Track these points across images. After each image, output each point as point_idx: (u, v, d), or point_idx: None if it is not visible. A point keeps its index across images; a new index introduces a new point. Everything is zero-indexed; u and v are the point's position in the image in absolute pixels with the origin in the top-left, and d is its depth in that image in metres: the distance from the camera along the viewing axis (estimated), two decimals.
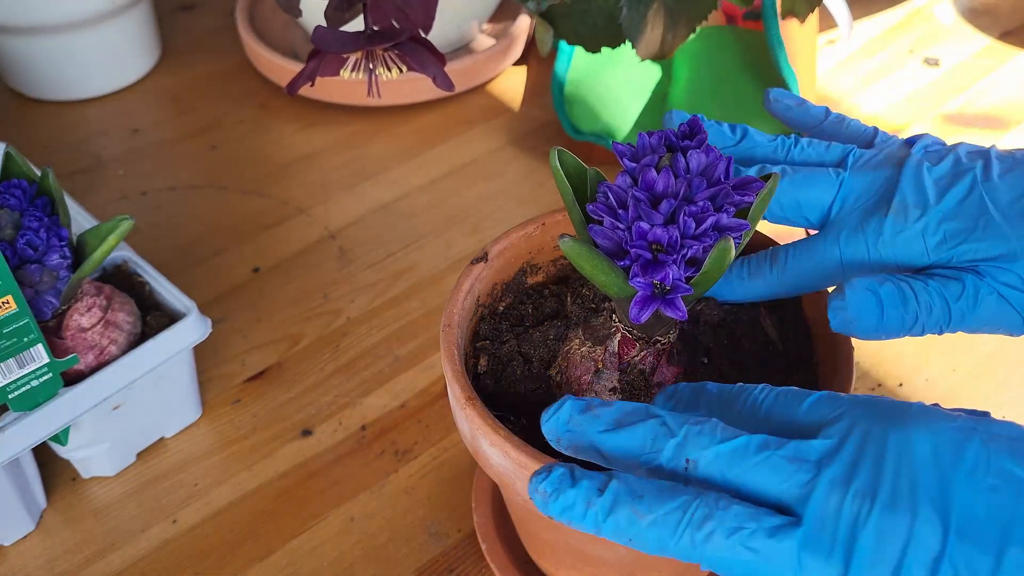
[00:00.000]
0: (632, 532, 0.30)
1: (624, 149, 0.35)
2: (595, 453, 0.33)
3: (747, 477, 0.30)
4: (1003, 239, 0.38)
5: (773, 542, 0.28)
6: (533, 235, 0.46)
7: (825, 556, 0.28)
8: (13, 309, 0.45)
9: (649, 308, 0.34)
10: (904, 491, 0.28)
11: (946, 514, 0.27)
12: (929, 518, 0.27)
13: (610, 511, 0.30)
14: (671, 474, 0.31)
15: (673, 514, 0.29)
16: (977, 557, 0.26)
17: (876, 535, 0.27)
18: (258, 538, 0.52)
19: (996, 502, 0.27)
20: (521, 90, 0.84)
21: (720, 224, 0.33)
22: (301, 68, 0.43)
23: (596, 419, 0.33)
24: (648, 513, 0.29)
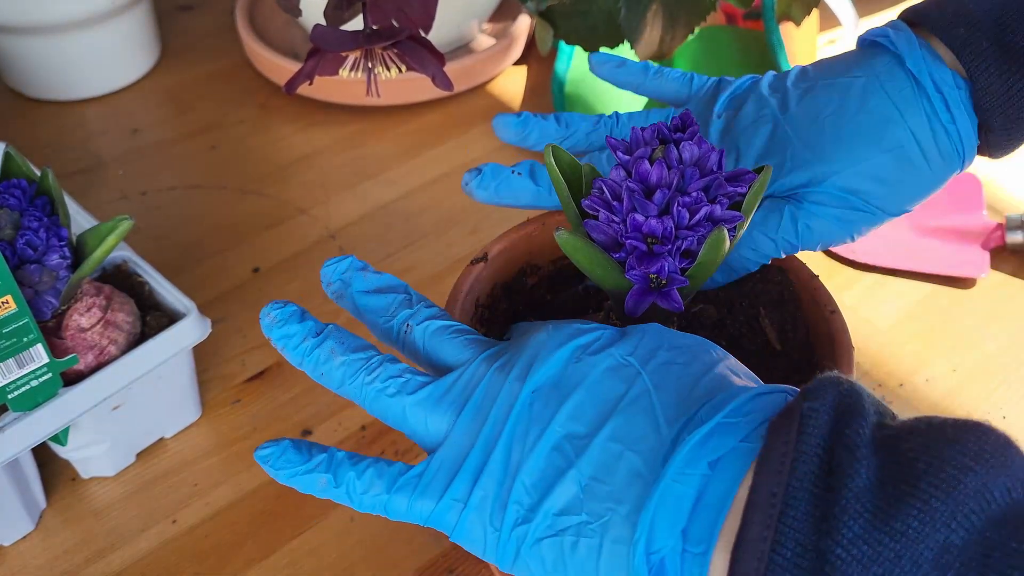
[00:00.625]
0: (326, 367, 0.35)
1: (617, 143, 0.35)
2: (352, 305, 0.39)
3: (439, 348, 0.36)
4: (809, 165, 0.43)
5: (406, 392, 0.34)
6: (533, 235, 0.46)
7: (445, 405, 0.34)
8: (13, 309, 0.45)
9: (645, 301, 0.34)
10: (511, 362, 0.34)
11: (528, 378, 0.33)
12: (518, 378, 0.33)
13: (316, 347, 0.36)
14: (395, 336, 0.37)
15: (359, 360, 0.35)
16: (545, 407, 0.32)
17: (484, 389, 0.34)
18: (258, 538, 0.52)
19: (577, 370, 0.33)
20: (521, 90, 0.84)
21: (714, 215, 0.33)
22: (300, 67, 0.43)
23: (363, 279, 0.39)
24: (342, 355, 0.35)
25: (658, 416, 0.31)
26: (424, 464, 0.34)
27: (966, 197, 0.70)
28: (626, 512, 0.29)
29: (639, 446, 0.30)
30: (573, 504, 0.30)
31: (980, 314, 0.63)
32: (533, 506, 0.31)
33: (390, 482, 0.33)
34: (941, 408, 0.58)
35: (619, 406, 0.31)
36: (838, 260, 0.67)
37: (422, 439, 0.34)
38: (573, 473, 0.30)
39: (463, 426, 0.33)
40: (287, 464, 0.34)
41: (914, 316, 0.63)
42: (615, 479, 0.30)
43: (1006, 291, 0.65)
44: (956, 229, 0.68)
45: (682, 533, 0.28)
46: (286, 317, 0.36)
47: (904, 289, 0.65)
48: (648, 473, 0.29)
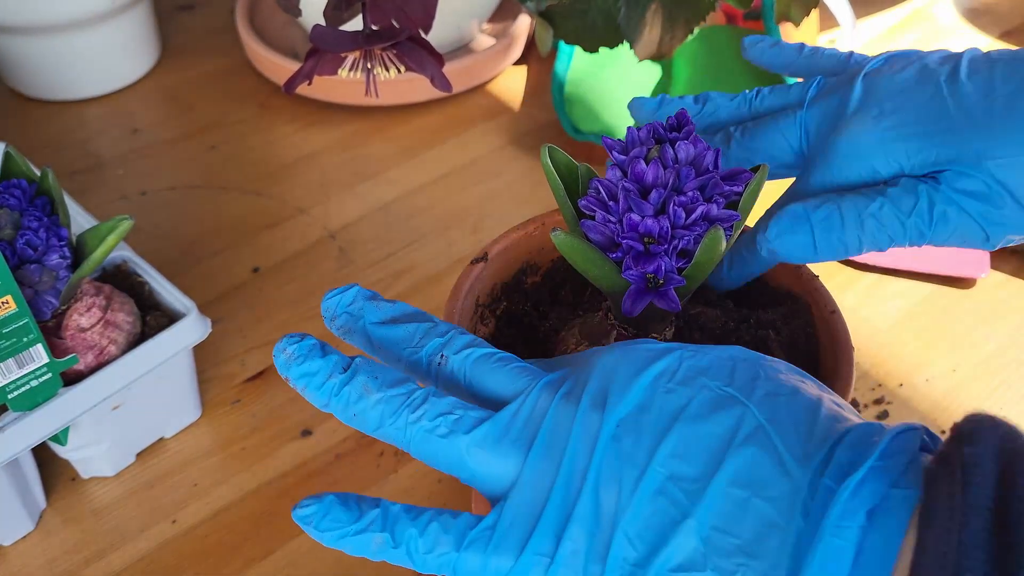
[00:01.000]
0: (359, 407, 0.31)
1: (613, 143, 0.35)
2: (364, 339, 0.34)
3: (485, 378, 0.32)
4: (964, 141, 0.36)
5: (468, 427, 0.30)
6: (533, 235, 0.46)
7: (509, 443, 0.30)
8: (12, 309, 0.45)
9: (642, 301, 0.34)
10: (580, 391, 0.30)
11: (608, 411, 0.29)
12: (592, 408, 0.29)
13: (345, 384, 0.31)
14: (426, 368, 0.33)
15: (398, 396, 0.31)
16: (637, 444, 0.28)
17: (552, 423, 0.30)
18: (258, 538, 0.52)
19: (668, 400, 0.29)
20: (521, 90, 0.84)
21: (710, 215, 0.33)
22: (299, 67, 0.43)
23: (377, 309, 0.34)
24: (377, 391, 0.31)
25: (783, 456, 0.27)
26: (495, 514, 0.29)
27: None
28: (763, 569, 0.26)
29: (767, 492, 0.27)
30: (694, 558, 0.27)
31: (980, 314, 0.63)
32: (641, 561, 0.27)
33: (458, 537, 0.29)
34: (941, 408, 0.58)
35: (732, 444, 0.28)
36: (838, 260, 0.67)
37: (484, 485, 0.30)
38: (691, 523, 0.27)
39: (535, 466, 0.29)
40: (334, 524, 0.29)
41: (914, 316, 0.63)
42: (743, 530, 0.26)
43: (1006, 291, 0.65)
44: None
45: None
46: (305, 352, 0.31)
47: (904, 289, 0.65)
48: (784, 523, 0.26)
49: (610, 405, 0.29)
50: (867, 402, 0.58)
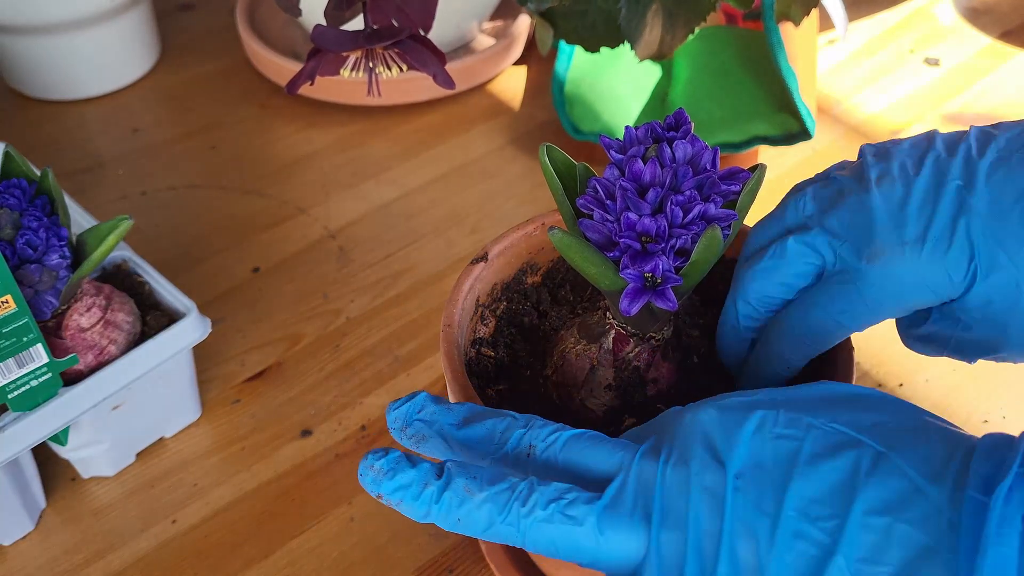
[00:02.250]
0: (462, 511, 0.30)
1: (611, 142, 0.35)
2: (442, 444, 0.33)
3: (577, 458, 0.31)
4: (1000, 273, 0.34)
5: (583, 511, 0.29)
6: (533, 235, 0.46)
7: (626, 517, 0.29)
8: (12, 309, 0.45)
9: (640, 300, 0.34)
10: (684, 454, 0.30)
11: (722, 462, 0.29)
12: (705, 469, 0.29)
13: (444, 490, 0.30)
14: (513, 460, 0.32)
15: (503, 492, 0.30)
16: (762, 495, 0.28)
17: (663, 490, 0.29)
18: (258, 538, 0.52)
19: (780, 446, 0.29)
20: (521, 90, 0.84)
21: (707, 214, 0.33)
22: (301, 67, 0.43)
23: (449, 411, 0.34)
24: (479, 491, 0.30)
25: (913, 478, 0.27)
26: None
27: None
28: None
29: (908, 515, 0.27)
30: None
31: None
32: None
33: None
34: (941, 408, 0.58)
35: (858, 476, 0.28)
36: None
37: (611, 564, 0.30)
38: (839, 560, 0.27)
39: (661, 536, 0.29)
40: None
41: None
42: (892, 557, 0.26)
43: None
44: None
45: None
46: (393, 465, 0.31)
47: None
48: (934, 542, 0.26)
49: (727, 460, 0.29)
50: None
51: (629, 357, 0.38)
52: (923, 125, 0.79)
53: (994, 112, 0.80)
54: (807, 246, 0.37)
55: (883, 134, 0.78)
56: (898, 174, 0.36)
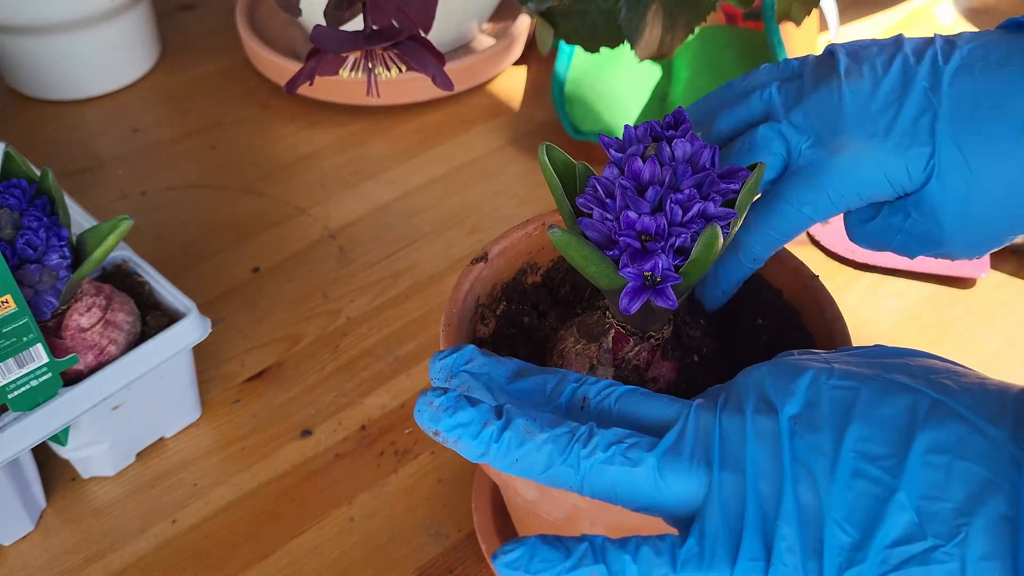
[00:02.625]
0: (521, 452, 0.30)
1: (611, 141, 0.35)
2: (488, 395, 0.34)
3: (633, 410, 0.32)
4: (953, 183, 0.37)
5: (644, 454, 0.30)
6: (533, 235, 0.46)
7: (686, 461, 0.30)
8: (12, 309, 0.45)
9: (639, 299, 0.34)
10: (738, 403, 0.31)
11: (776, 409, 0.29)
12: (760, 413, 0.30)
13: (504, 430, 0.30)
14: (567, 412, 0.33)
15: (564, 435, 0.30)
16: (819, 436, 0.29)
17: (721, 436, 0.30)
18: (258, 538, 0.52)
19: (836, 394, 0.30)
20: (521, 90, 0.84)
21: (707, 212, 0.33)
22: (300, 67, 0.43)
23: (500, 364, 0.34)
24: (540, 433, 0.30)
25: (971, 420, 0.28)
26: (697, 530, 0.29)
27: None
28: (985, 524, 0.26)
29: (968, 452, 0.27)
30: (911, 531, 0.27)
31: (980, 314, 0.63)
32: (858, 544, 0.27)
33: (671, 558, 0.29)
34: None
35: (916, 419, 0.28)
36: (838, 260, 0.67)
37: (669, 508, 0.30)
38: (900, 497, 0.27)
39: (721, 479, 0.29)
40: (546, 564, 0.29)
41: (914, 316, 0.63)
42: (955, 492, 0.27)
43: (1006, 291, 0.65)
44: None
45: None
46: (453, 403, 0.31)
47: (904, 289, 0.65)
48: (995, 477, 0.27)
49: (781, 406, 0.29)
50: None
51: (629, 356, 0.38)
52: None
53: None
54: (775, 138, 0.39)
55: None
56: (867, 72, 0.38)
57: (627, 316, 0.37)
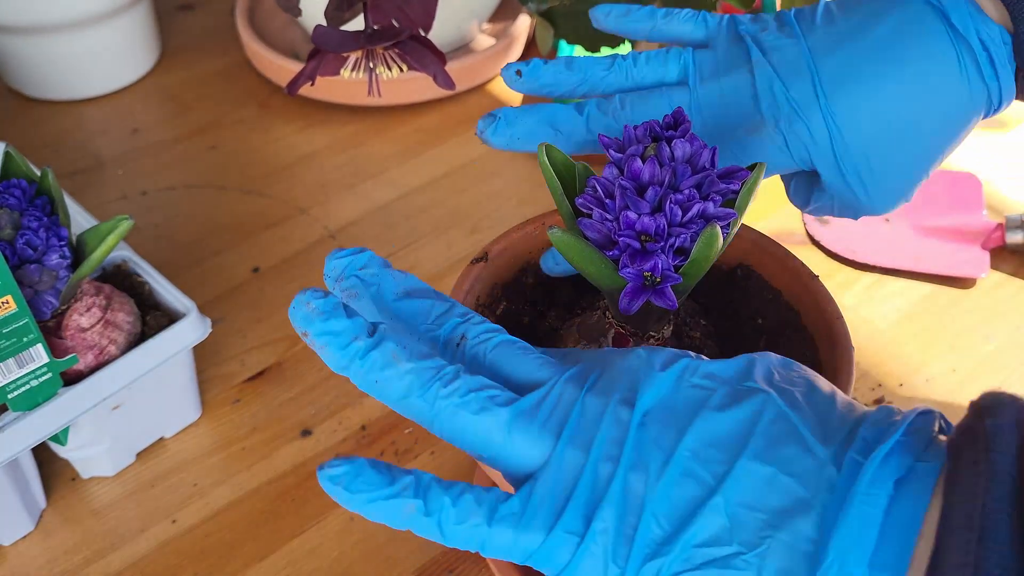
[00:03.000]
0: (383, 375, 0.30)
1: (610, 141, 0.35)
2: (372, 306, 0.33)
3: (505, 363, 0.32)
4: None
5: (498, 408, 0.30)
6: (533, 235, 0.46)
7: (538, 426, 0.30)
8: (12, 309, 0.45)
9: (639, 299, 0.34)
10: (608, 386, 0.31)
11: (639, 400, 0.30)
12: (622, 403, 0.30)
13: (371, 349, 0.30)
14: (443, 346, 0.32)
15: (429, 369, 0.30)
16: (664, 432, 0.29)
17: (581, 412, 0.30)
18: (258, 538, 0.52)
19: (693, 393, 0.30)
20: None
21: (706, 213, 0.33)
22: (301, 68, 0.43)
23: (392, 278, 0.33)
24: (406, 361, 0.30)
25: (805, 436, 0.28)
26: (527, 491, 0.29)
27: (966, 197, 0.70)
28: (789, 540, 0.27)
29: (791, 469, 0.28)
30: (719, 534, 0.27)
31: (980, 314, 0.63)
32: (667, 538, 0.28)
33: (489, 511, 0.29)
34: (941, 408, 0.58)
35: (756, 427, 0.29)
36: (838, 260, 0.67)
37: (509, 465, 0.30)
38: (717, 500, 0.28)
39: (566, 451, 0.29)
40: (366, 487, 0.28)
41: (914, 316, 0.63)
42: (769, 504, 0.27)
43: (1006, 291, 0.65)
44: (956, 229, 0.68)
45: (869, 559, 0.26)
46: (330, 310, 0.30)
47: (904, 289, 0.65)
48: (810, 496, 0.27)
49: (639, 397, 0.30)
50: (867, 402, 0.58)
51: None
52: None
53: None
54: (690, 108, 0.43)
55: None
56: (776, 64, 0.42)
57: (627, 316, 0.37)
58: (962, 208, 0.69)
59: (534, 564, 0.29)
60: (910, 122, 0.41)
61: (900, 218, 0.69)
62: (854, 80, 0.40)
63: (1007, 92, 0.41)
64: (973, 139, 0.77)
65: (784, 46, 0.42)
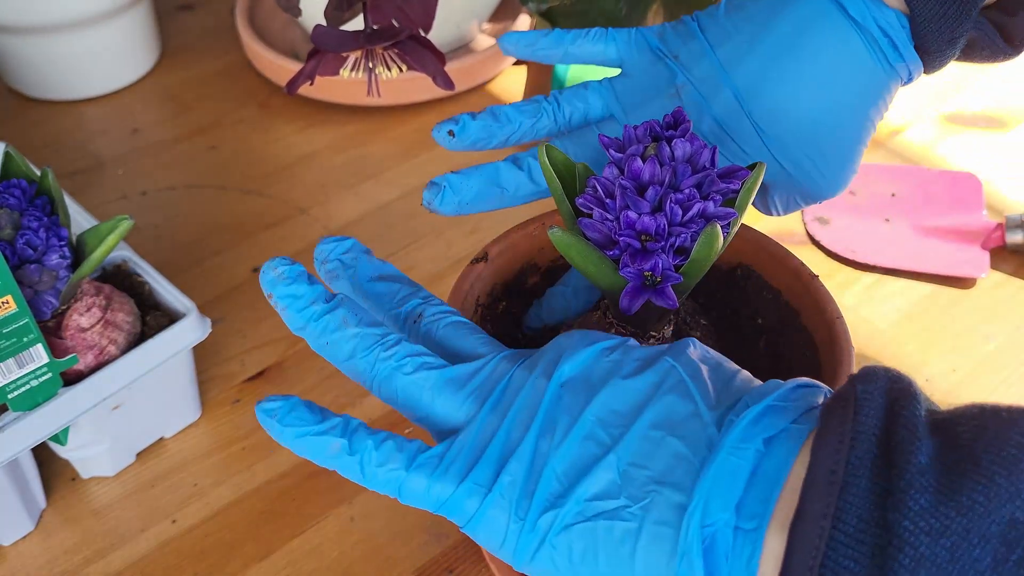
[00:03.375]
0: (334, 336, 0.33)
1: (610, 141, 0.35)
2: (349, 287, 0.37)
3: (455, 339, 0.35)
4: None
5: (429, 373, 0.33)
6: (534, 235, 0.46)
7: (465, 392, 0.33)
8: (12, 309, 0.45)
9: (639, 298, 0.34)
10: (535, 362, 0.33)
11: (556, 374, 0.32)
12: (543, 374, 0.32)
13: (325, 313, 0.33)
14: (402, 323, 0.36)
15: (374, 335, 0.33)
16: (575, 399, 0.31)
17: (507, 383, 0.33)
18: (258, 538, 0.52)
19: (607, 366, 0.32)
20: (521, 90, 0.84)
21: (706, 212, 0.33)
22: (301, 67, 0.43)
23: (369, 264, 0.37)
24: (355, 327, 0.33)
25: (698, 403, 0.30)
26: (445, 445, 0.32)
27: (966, 197, 0.70)
28: (669, 494, 0.29)
29: (680, 431, 0.30)
30: (609, 489, 0.29)
31: (980, 314, 0.63)
32: (564, 492, 0.30)
33: (409, 458, 0.31)
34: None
35: (656, 395, 0.31)
36: (838, 260, 0.67)
37: (436, 422, 0.33)
38: (610, 459, 0.30)
39: (487, 414, 0.32)
40: (298, 422, 0.31)
41: (914, 316, 0.63)
42: (656, 463, 0.29)
43: (1006, 291, 0.65)
44: (956, 229, 0.68)
45: (735, 508, 0.28)
46: (294, 276, 0.34)
47: (904, 289, 0.65)
48: (693, 456, 0.29)
49: (557, 370, 0.32)
50: None
51: None
52: (923, 125, 0.79)
53: (994, 112, 0.80)
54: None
55: (882, 135, 0.78)
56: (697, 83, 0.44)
57: (627, 316, 0.37)
58: (962, 208, 0.69)
59: (445, 513, 0.31)
60: (832, 108, 0.43)
61: (900, 218, 0.69)
62: (772, 83, 0.42)
63: (915, 68, 0.43)
64: (973, 139, 0.77)
65: (698, 63, 0.44)
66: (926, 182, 0.72)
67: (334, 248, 0.38)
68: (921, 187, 0.71)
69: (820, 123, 0.43)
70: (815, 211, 0.70)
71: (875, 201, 0.70)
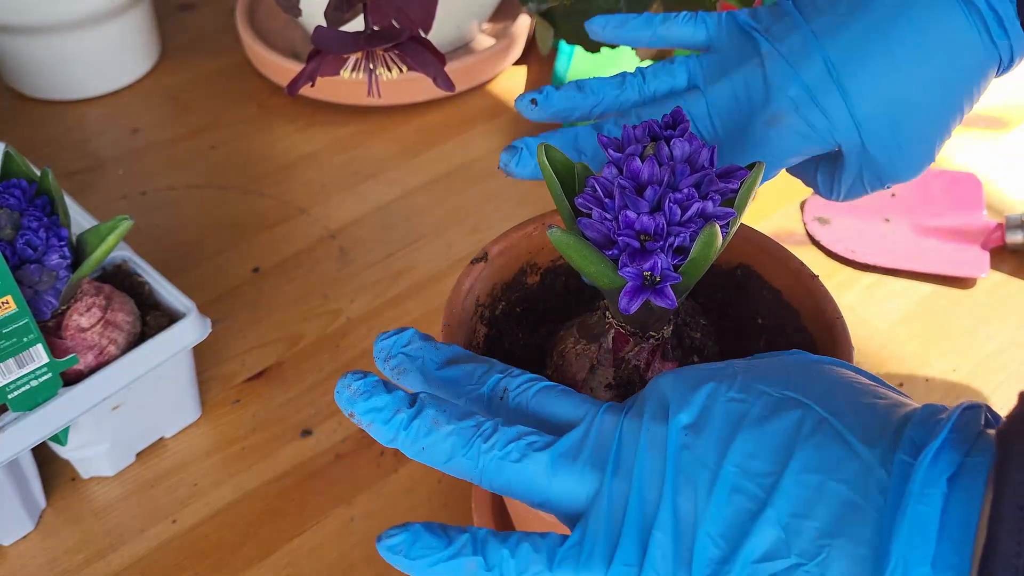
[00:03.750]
0: (428, 440, 0.31)
1: (609, 141, 0.35)
2: (420, 379, 0.35)
3: (546, 407, 0.33)
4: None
5: (538, 453, 0.31)
6: (533, 235, 0.46)
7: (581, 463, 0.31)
8: (12, 309, 0.45)
9: (639, 298, 0.34)
10: (642, 407, 0.31)
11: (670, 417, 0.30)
12: (654, 419, 0.30)
13: (413, 418, 0.31)
14: (487, 403, 0.34)
15: (469, 428, 0.31)
16: (707, 449, 0.29)
17: (619, 440, 0.31)
18: (258, 538, 0.52)
19: (731, 407, 0.30)
20: (521, 90, 0.84)
21: (706, 212, 0.33)
22: (301, 68, 0.43)
23: (435, 350, 0.35)
24: (447, 424, 0.31)
25: (850, 441, 0.28)
26: (580, 531, 0.30)
27: (966, 197, 0.70)
28: (847, 547, 0.27)
29: (840, 474, 0.28)
30: (776, 548, 0.27)
31: (980, 314, 0.63)
32: (725, 557, 0.28)
33: (548, 557, 0.29)
34: None
35: (799, 437, 0.29)
36: (838, 260, 0.67)
37: (560, 506, 0.31)
38: (769, 513, 0.28)
39: (611, 482, 0.30)
40: (425, 552, 0.29)
41: (914, 316, 0.63)
42: (822, 512, 0.27)
43: (1006, 291, 0.65)
44: (956, 229, 0.68)
45: (932, 559, 0.26)
46: (370, 388, 0.32)
47: (904, 289, 0.65)
48: (862, 500, 0.27)
49: (672, 415, 0.30)
50: None
51: (629, 356, 0.38)
52: None
53: (994, 112, 0.80)
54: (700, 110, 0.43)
55: None
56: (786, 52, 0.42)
57: (627, 316, 0.37)
58: (962, 208, 0.69)
59: None
60: (928, 87, 0.41)
61: (900, 218, 0.69)
62: (869, 55, 0.41)
63: (1018, 48, 0.42)
64: (973, 139, 0.77)
65: (789, 34, 0.42)
66: (926, 182, 0.72)
67: (395, 342, 0.36)
68: (921, 187, 0.71)
69: (912, 102, 0.41)
70: (815, 211, 0.70)
71: (875, 201, 0.70)
